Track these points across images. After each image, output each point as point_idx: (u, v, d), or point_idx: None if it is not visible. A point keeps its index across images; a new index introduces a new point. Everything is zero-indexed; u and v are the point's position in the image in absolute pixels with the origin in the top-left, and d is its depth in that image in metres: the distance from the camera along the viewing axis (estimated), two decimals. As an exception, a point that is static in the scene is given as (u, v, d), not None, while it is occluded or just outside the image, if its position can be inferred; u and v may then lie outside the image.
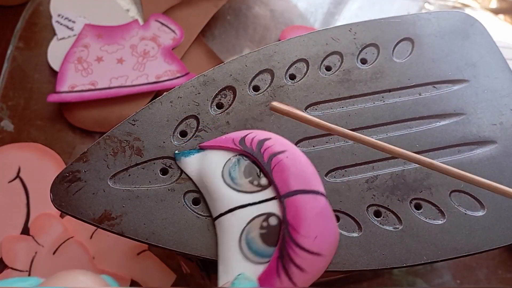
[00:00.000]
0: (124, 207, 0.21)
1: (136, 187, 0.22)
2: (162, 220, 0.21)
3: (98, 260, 0.35)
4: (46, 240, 0.35)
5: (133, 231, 0.21)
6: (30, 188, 0.37)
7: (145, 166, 0.22)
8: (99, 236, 0.35)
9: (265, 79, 0.25)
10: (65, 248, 0.35)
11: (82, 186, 0.21)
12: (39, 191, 0.37)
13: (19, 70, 0.41)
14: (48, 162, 0.38)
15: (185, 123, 0.23)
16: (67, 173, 0.22)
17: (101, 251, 0.35)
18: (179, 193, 0.22)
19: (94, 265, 0.34)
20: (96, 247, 0.35)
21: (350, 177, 0.23)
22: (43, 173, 0.37)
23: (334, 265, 0.21)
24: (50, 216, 0.36)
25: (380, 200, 0.23)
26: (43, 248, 0.35)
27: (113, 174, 0.22)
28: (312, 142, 0.24)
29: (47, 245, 0.35)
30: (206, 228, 0.21)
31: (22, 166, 0.37)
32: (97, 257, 0.35)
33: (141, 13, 0.44)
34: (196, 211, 0.22)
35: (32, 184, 0.37)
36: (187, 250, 0.21)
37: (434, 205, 0.23)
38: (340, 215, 0.22)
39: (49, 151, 0.38)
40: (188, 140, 0.23)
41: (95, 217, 0.21)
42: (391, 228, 0.22)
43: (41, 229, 0.36)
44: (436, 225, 0.22)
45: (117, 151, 0.22)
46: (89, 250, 0.35)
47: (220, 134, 0.23)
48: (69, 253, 0.35)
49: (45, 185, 0.36)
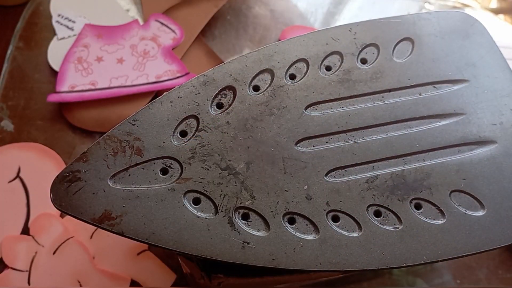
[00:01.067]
0: (124, 207, 0.21)
1: (136, 187, 0.22)
2: (162, 220, 0.21)
3: (98, 260, 0.35)
4: (46, 240, 0.35)
5: (133, 231, 0.21)
6: (30, 188, 0.37)
7: (145, 166, 0.22)
8: (99, 236, 0.35)
9: (265, 79, 0.25)
10: (65, 248, 0.35)
11: (82, 186, 0.21)
12: (39, 191, 0.37)
13: (19, 70, 0.41)
14: (48, 162, 0.38)
15: (185, 123, 0.23)
16: (67, 173, 0.22)
17: (102, 251, 0.35)
18: (179, 193, 0.22)
19: (94, 265, 0.35)
20: (96, 247, 0.35)
21: (350, 177, 0.23)
22: (43, 173, 0.37)
23: (334, 265, 0.21)
24: (50, 216, 0.36)
25: (380, 200, 0.23)
26: (43, 248, 0.35)
27: (113, 174, 0.22)
28: (312, 142, 0.24)
29: (47, 245, 0.35)
30: (206, 228, 0.21)
31: (22, 166, 0.37)
32: (97, 257, 0.35)
33: (141, 13, 0.44)
34: (196, 211, 0.22)
35: (32, 184, 0.37)
36: (187, 250, 0.21)
37: (434, 205, 0.23)
38: (340, 215, 0.22)
39: (49, 151, 0.38)
40: (188, 140, 0.23)
41: (95, 217, 0.21)
42: (391, 228, 0.22)
43: (41, 229, 0.36)
44: (436, 225, 0.22)
45: (117, 151, 0.22)
46: (89, 250, 0.35)
47: (220, 134, 0.23)
48: (69, 253, 0.35)
49: (45, 185, 0.36)
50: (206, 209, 0.22)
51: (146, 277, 0.35)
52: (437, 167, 0.24)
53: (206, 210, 0.22)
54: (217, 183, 0.22)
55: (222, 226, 0.21)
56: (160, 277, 0.35)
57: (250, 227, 0.22)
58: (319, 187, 0.23)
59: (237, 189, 0.22)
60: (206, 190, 0.22)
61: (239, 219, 0.22)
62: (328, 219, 0.22)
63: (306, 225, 0.22)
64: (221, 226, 0.21)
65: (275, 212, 0.22)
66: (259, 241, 0.21)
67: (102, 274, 0.34)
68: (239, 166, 0.23)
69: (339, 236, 0.22)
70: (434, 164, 0.24)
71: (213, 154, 0.23)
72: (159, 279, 0.35)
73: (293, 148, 0.23)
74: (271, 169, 0.23)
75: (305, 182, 0.23)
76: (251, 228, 0.22)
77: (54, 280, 0.34)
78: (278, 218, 0.22)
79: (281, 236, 0.22)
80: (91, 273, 0.35)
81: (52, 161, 0.38)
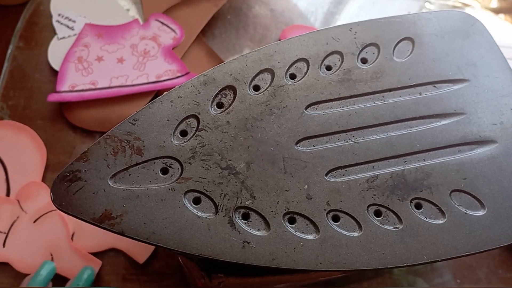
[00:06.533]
0: (124, 206, 0.21)
1: (137, 186, 0.22)
2: (163, 220, 0.21)
3: (78, 236, 0.35)
4: (30, 207, 0.36)
5: (134, 230, 0.21)
6: (8, 164, 0.37)
7: (145, 165, 0.22)
8: None
9: (265, 79, 0.25)
10: (46, 219, 0.36)
11: (82, 185, 0.21)
12: (17, 166, 0.37)
13: (19, 69, 0.41)
14: (23, 137, 0.38)
15: (185, 123, 0.23)
16: (68, 172, 0.22)
17: (81, 227, 0.36)
18: (180, 192, 0.22)
19: (70, 242, 0.35)
20: (76, 223, 0.36)
21: (350, 177, 0.23)
22: (20, 149, 0.38)
23: (334, 264, 0.21)
24: (39, 185, 0.37)
25: (381, 200, 0.23)
26: (25, 215, 0.36)
27: (113, 174, 0.22)
28: (313, 141, 0.24)
29: (30, 213, 0.36)
30: (207, 228, 0.21)
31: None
32: (77, 232, 0.36)
33: (141, 13, 0.44)
34: (196, 210, 0.22)
35: (10, 160, 0.38)
36: (188, 249, 0.21)
37: (435, 205, 0.23)
38: (341, 214, 0.22)
39: (24, 127, 0.38)
40: (188, 140, 0.23)
41: (96, 217, 0.21)
42: (391, 227, 0.22)
43: (28, 196, 0.36)
44: (436, 224, 0.22)
45: (118, 151, 0.22)
46: (69, 226, 0.36)
47: (221, 134, 0.23)
48: (49, 225, 0.36)
49: (23, 160, 0.37)
50: (207, 209, 0.22)
51: (128, 244, 0.35)
52: (438, 166, 0.24)
53: (206, 210, 0.22)
54: (217, 182, 0.22)
55: (223, 225, 0.22)
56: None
57: (250, 226, 0.22)
58: (320, 186, 0.23)
59: (237, 189, 0.22)
60: (206, 189, 0.22)
61: (240, 218, 0.22)
62: (328, 219, 0.22)
63: (306, 224, 0.22)
64: (222, 226, 0.21)
65: (275, 211, 0.22)
66: (259, 240, 0.21)
67: (76, 252, 0.35)
68: (239, 166, 0.23)
69: (339, 236, 0.22)
70: (435, 164, 0.24)
71: (214, 153, 0.23)
72: (141, 244, 0.35)
73: (293, 147, 0.23)
74: (271, 169, 0.23)
75: (305, 182, 0.23)
76: (252, 228, 0.22)
77: (28, 248, 0.35)
78: (278, 218, 0.22)
79: (282, 236, 0.22)
80: (65, 249, 0.35)
81: (28, 136, 0.38)
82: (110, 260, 0.35)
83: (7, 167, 0.37)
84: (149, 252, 0.36)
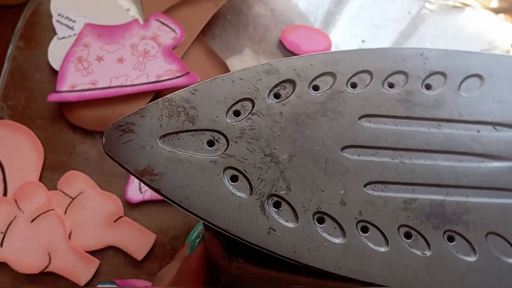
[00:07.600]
0: (166, 166, 0.22)
1: (182, 151, 0.23)
2: (199, 188, 0.22)
3: (75, 235, 0.35)
4: (27, 207, 0.36)
5: (170, 191, 0.22)
6: (5, 164, 0.37)
7: (194, 134, 0.23)
8: (74, 210, 0.36)
9: (326, 81, 0.25)
10: (44, 219, 0.36)
11: (133, 138, 0.22)
12: (15, 166, 0.37)
13: (19, 69, 0.41)
14: (21, 137, 0.38)
15: (240, 104, 0.24)
16: (123, 123, 0.23)
17: (78, 224, 0.36)
18: (220, 166, 0.22)
19: (67, 241, 0.35)
20: (73, 221, 0.36)
21: (388, 194, 0.23)
22: (17, 148, 0.38)
23: (354, 273, 0.21)
24: (36, 185, 0.37)
25: (414, 223, 0.22)
26: (23, 214, 0.36)
27: (163, 134, 0.23)
28: (359, 151, 0.24)
29: (28, 212, 0.36)
30: (238, 206, 0.22)
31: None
32: (74, 231, 0.36)
33: (142, 13, 0.44)
34: (232, 187, 0.22)
35: (7, 160, 0.38)
36: (215, 222, 0.22)
37: (468, 241, 0.22)
38: (370, 227, 0.22)
39: (21, 127, 0.38)
40: (240, 120, 0.24)
41: (138, 169, 0.22)
42: (418, 252, 0.22)
43: (25, 196, 0.36)
44: (465, 261, 0.22)
45: (172, 114, 0.23)
46: (66, 226, 0.35)
47: (272, 122, 0.24)
48: (47, 224, 0.36)
49: (20, 160, 0.37)
50: (242, 188, 0.22)
51: (125, 241, 0.35)
52: (480, 205, 0.23)
53: (241, 189, 0.22)
54: (257, 166, 0.23)
55: (253, 208, 0.22)
56: (140, 239, 0.36)
57: (279, 215, 0.22)
58: (356, 195, 0.23)
59: (275, 177, 0.23)
60: (245, 170, 0.23)
61: (271, 205, 0.22)
62: (357, 228, 0.22)
63: (334, 228, 0.22)
64: (252, 208, 0.22)
65: (307, 208, 0.22)
66: (285, 231, 0.22)
67: (73, 252, 0.35)
68: (282, 156, 0.23)
69: (365, 247, 0.22)
70: (477, 202, 0.23)
71: (260, 139, 0.23)
72: (139, 241, 0.35)
73: (338, 152, 0.23)
74: (312, 167, 0.23)
75: (343, 187, 0.23)
76: (280, 217, 0.22)
77: (26, 248, 0.35)
78: (308, 214, 0.22)
79: (308, 232, 0.22)
80: (62, 248, 0.35)
81: (25, 136, 0.38)
82: (109, 260, 0.36)
83: (4, 166, 0.37)
84: (147, 249, 0.36)
